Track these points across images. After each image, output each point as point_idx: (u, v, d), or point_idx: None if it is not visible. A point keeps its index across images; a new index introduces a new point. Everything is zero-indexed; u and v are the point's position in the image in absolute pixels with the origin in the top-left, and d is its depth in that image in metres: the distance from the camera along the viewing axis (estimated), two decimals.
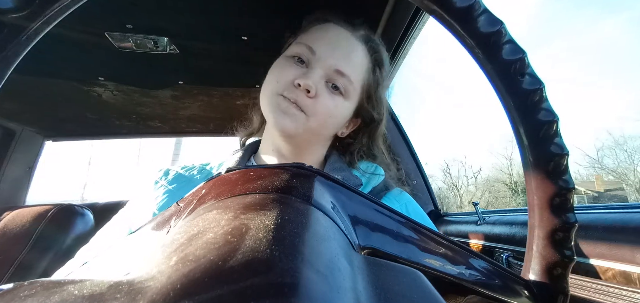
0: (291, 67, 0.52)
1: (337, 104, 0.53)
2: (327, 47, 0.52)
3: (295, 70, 0.52)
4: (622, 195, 14.19)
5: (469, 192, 16.59)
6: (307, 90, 0.50)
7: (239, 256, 0.12)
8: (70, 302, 0.11)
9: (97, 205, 1.24)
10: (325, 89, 0.52)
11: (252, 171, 0.22)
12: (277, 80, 0.52)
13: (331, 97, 0.52)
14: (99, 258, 0.21)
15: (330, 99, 0.52)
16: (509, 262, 0.63)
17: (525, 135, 0.23)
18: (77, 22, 0.71)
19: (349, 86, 0.53)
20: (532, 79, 0.22)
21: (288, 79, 0.51)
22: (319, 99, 0.51)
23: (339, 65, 0.52)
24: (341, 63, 0.52)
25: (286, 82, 0.51)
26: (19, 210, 1.01)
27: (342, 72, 0.52)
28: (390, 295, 0.14)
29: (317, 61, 0.52)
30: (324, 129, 0.54)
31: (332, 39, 0.53)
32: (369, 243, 0.20)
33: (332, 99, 0.52)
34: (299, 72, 0.51)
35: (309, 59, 0.52)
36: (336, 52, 0.52)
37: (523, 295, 0.23)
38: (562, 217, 0.22)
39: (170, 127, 1.39)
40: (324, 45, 0.52)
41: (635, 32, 36.94)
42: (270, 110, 0.51)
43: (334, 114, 0.53)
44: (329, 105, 0.52)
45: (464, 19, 0.22)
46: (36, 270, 0.90)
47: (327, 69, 0.52)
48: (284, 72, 0.52)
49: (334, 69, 0.52)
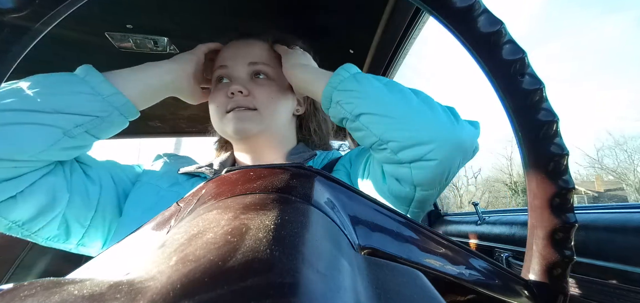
0: (220, 89, 0.59)
1: (269, 86, 0.59)
2: (232, 56, 0.60)
3: (224, 87, 0.58)
4: (622, 195, 14.19)
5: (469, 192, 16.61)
6: (240, 92, 0.56)
7: (239, 256, 0.12)
8: (70, 302, 0.11)
9: None
10: (253, 83, 0.59)
11: (252, 171, 0.22)
12: (216, 105, 0.58)
13: (261, 85, 0.59)
14: (99, 258, 0.21)
15: (262, 87, 0.58)
16: (509, 262, 0.63)
17: (526, 135, 0.23)
18: (77, 22, 0.71)
19: (267, 69, 0.60)
20: (532, 79, 0.22)
21: (223, 96, 0.57)
22: (254, 92, 0.57)
23: (248, 58, 0.59)
24: (249, 56, 0.60)
25: (222, 100, 0.57)
26: None
27: (254, 61, 0.59)
28: (390, 295, 0.14)
29: (232, 69, 0.59)
30: (276, 114, 0.59)
31: (235, 49, 0.61)
32: (369, 243, 0.20)
33: (263, 86, 0.59)
34: (227, 87, 0.57)
35: (226, 74, 0.60)
36: (240, 52, 0.60)
37: (523, 295, 0.23)
38: (562, 217, 0.22)
39: (170, 127, 1.39)
40: (229, 57, 0.60)
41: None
42: (227, 127, 0.56)
43: (274, 97, 0.59)
44: (265, 92, 0.58)
45: (464, 19, 0.22)
46: (36, 270, 0.90)
47: (243, 67, 0.59)
48: (217, 95, 0.58)
49: (247, 63, 0.59)
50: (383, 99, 0.44)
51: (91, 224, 0.48)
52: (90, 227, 0.48)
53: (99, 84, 0.44)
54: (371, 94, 0.45)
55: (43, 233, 0.45)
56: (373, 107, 0.44)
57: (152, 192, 0.52)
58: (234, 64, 0.59)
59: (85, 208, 0.47)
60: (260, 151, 0.61)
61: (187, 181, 0.55)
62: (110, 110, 0.45)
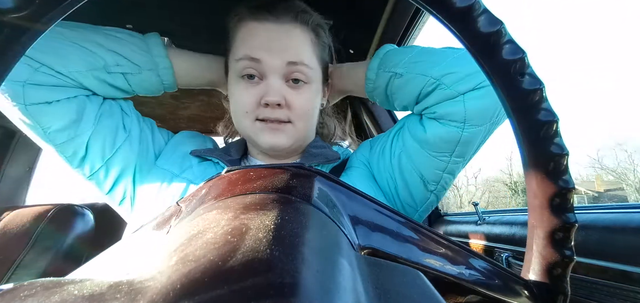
0: (248, 88, 0.51)
1: (306, 94, 0.53)
2: (268, 50, 0.50)
3: (254, 89, 0.51)
4: (622, 195, 14.18)
5: (469, 192, 16.59)
6: (277, 105, 0.50)
7: (239, 256, 0.12)
8: (70, 302, 0.11)
9: (97, 205, 1.24)
10: (291, 90, 0.51)
11: (252, 171, 0.22)
12: (245, 109, 0.51)
13: (298, 93, 0.52)
14: (99, 258, 0.21)
15: (299, 96, 0.52)
16: (509, 262, 0.63)
17: (526, 135, 0.23)
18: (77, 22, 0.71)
19: (307, 70, 0.52)
20: (532, 79, 0.22)
21: (253, 101, 0.50)
22: (291, 104, 0.51)
23: (288, 57, 0.50)
24: (289, 54, 0.50)
25: (253, 105, 0.51)
26: (19, 210, 1.01)
27: (294, 61, 0.51)
28: (390, 295, 0.14)
29: (266, 68, 0.50)
30: (309, 123, 0.55)
31: (266, 38, 0.51)
32: (369, 243, 0.20)
33: (300, 94, 0.52)
34: (259, 90, 0.50)
35: (259, 71, 0.51)
36: (276, 45, 0.50)
37: (523, 295, 0.23)
38: (562, 217, 0.22)
39: (170, 127, 1.38)
40: (263, 50, 0.50)
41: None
42: (257, 137, 0.52)
43: (310, 106, 0.54)
44: (303, 103, 0.52)
45: (464, 19, 0.22)
46: (36, 270, 0.90)
47: (280, 69, 0.50)
48: (245, 96, 0.51)
49: (285, 63, 0.50)
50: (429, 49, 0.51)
51: (109, 163, 0.50)
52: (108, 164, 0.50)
53: (154, 44, 0.53)
54: (416, 48, 0.52)
55: (66, 149, 0.48)
56: (423, 54, 0.51)
57: (166, 178, 0.52)
58: (270, 60, 0.50)
59: (108, 145, 0.50)
60: (279, 152, 0.57)
61: (198, 165, 0.54)
62: (151, 67, 0.53)
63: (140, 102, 1.12)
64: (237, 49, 0.52)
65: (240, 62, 0.51)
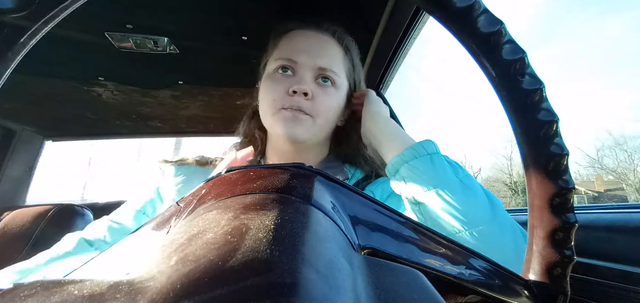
0: (281, 80, 0.56)
1: (332, 95, 0.57)
2: (305, 53, 0.56)
3: (286, 80, 0.55)
4: (622, 195, 14.18)
5: None
6: (304, 94, 0.54)
7: (239, 256, 0.12)
8: (70, 302, 0.11)
9: (97, 205, 1.24)
10: (318, 88, 0.56)
11: (252, 171, 0.22)
12: (273, 97, 0.55)
13: (325, 92, 0.56)
14: (99, 258, 0.21)
15: (326, 95, 0.56)
16: None
17: (525, 135, 0.23)
18: (77, 22, 0.71)
19: (335, 77, 0.57)
20: (532, 79, 0.22)
21: (282, 91, 0.54)
22: (316, 98, 0.55)
23: (320, 63, 0.56)
24: (322, 61, 0.56)
25: (282, 94, 0.54)
26: (19, 210, 1.01)
27: (325, 67, 0.56)
28: (390, 295, 0.14)
29: (300, 67, 0.56)
30: (327, 124, 0.58)
31: (305, 44, 0.57)
32: (369, 243, 0.20)
33: (327, 93, 0.57)
34: (290, 81, 0.55)
35: (293, 68, 0.56)
36: (313, 53, 0.56)
37: (523, 295, 0.23)
38: (562, 217, 0.22)
39: (170, 127, 1.39)
40: (301, 53, 0.56)
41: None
42: (279, 125, 0.54)
43: (333, 107, 0.58)
44: (327, 101, 0.56)
45: (463, 19, 0.22)
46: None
47: (313, 69, 0.56)
48: (277, 86, 0.55)
49: (318, 66, 0.56)
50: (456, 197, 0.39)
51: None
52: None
53: None
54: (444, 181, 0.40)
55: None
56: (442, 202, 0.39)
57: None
58: (306, 61, 0.56)
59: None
60: (294, 155, 0.59)
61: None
62: None
63: (139, 102, 1.12)
64: (280, 51, 0.58)
65: (277, 61, 0.57)
